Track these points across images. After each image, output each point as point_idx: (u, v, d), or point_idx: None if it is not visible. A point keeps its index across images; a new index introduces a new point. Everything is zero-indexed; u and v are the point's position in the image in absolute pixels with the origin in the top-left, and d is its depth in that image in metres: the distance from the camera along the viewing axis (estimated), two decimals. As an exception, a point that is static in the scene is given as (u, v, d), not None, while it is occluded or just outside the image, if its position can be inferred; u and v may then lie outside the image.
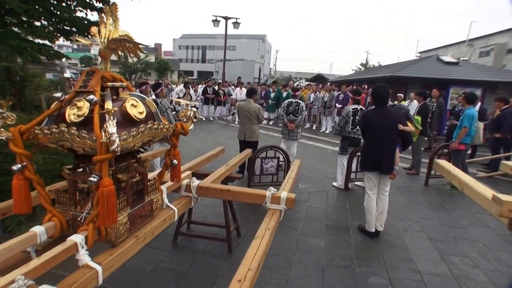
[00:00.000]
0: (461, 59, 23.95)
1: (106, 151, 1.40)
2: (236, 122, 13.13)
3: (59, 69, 13.31)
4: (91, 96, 1.50)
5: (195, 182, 2.54)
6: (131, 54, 1.85)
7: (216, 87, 14.68)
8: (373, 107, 4.09)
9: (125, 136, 1.51)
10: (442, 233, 4.27)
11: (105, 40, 1.68)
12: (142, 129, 1.64)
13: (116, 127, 1.36)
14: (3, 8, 4.07)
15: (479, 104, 8.11)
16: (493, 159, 7.32)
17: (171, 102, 6.20)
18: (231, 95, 14.69)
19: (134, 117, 1.66)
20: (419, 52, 35.17)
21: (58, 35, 4.74)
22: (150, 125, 1.71)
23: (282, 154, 5.32)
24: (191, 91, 13.91)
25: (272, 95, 13.50)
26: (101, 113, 1.43)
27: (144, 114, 1.74)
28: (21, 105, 7.48)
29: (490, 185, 6.23)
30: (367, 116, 4.03)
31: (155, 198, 2.05)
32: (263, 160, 5.29)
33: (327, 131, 11.97)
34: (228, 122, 13.77)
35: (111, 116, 1.36)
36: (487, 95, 11.73)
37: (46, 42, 4.40)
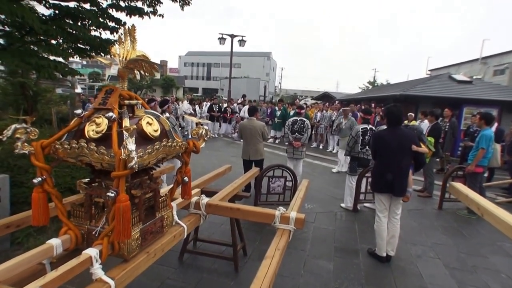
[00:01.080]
0: (475, 77, 24.09)
1: (124, 168, 1.52)
2: (241, 140, 13.32)
3: (70, 85, 13.81)
4: (110, 114, 1.63)
5: (205, 199, 2.63)
6: (146, 73, 2.00)
7: (225, 105, 15.03)
8: (383, 126, 4.17)
9: (141, 153, 1.62)
10: (460, 261, 4.19)
11: (124, 60, 1.82)
12: (157, 146, 1.76)
13: (134, 145, 1.47)
14: (24, 28, 4.32)
15: (495, 124, 8.15)
16: (513, 183, 7.27)
17: (177, 118, 6.38)
18: (237, 112, 14.94)
19: (149, 134, 1.78)
20: (429, 70, 35.43)
21: (74, 53, 5.00)
22: (165, 143, 1.83)
23: (289, 174, 5.40)
24: (197, 108, 14.24)
25: (278, 113, 13.67)
26: (120, 131, 1.54)
27: (159, 132, 1.86)
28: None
29: (510, 211, 6.25)
30: (380, 136, 4.08)
31: (166, 214, 2.15)
32: (270, 179, 5.38)
33: (334, 151, 12.03)
34: (234, 140, 13.93)
35: (130, 134, 1.48)
36: (504, 115, 11.75)
37: (61, 59, 4.65)
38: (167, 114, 5.98)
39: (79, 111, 1.72)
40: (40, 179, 1.67)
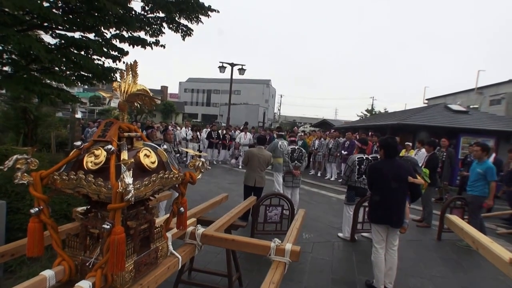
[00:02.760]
0: (471, 106, 24.45)
1: (120, 200, 1.54)
2: (240, 167, 13.30)
3: (70, 110, 14.02)
4: (109, 146, 1.67)
5: (200, 229, 2.63)
6: (146, 107, 2.07)
7: (224, 131, 15.14)
8: (375, 156, 4.20)
9: (138, 185, 1.65)
10: (460, 295, 4.11)
11: (125, 93, 1.88)
12: (154, 178, 1.79)
13: (132, 178, 1.51)
14: (29, 57, 4.47)
15: (493, 155, 8.20)
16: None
17: (178, 151, 6.47)
18: (235, 139, 15.06)
19: (146, 166, 1.82)
20: (426, 99, 35.89)
21: (77, 80, 5.15)
22: (161, 175, 1.86)
23: (286, 202, 5.39)
24: (198, 134, 14.40)
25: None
26: (118, 164, 1.58)
27: (156, 163, 1.90)
28: (32, 143, 7.86)
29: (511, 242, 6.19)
30: (376, 168, 4.12)
31: (161, 245, 2.14)
32: (267, 208, 5.36)
33: (332, 178, 12.05)
34: (232, 166, 13.94)
35: (128, 167, 1.52)
36: (501, 145, 11.86)
37: (64, 86, 4.80)
38: (165, 145, 6.05)
39: (78, 143, 1.76)
40: (37, 209, 1.69)
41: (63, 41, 4.82)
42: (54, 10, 4.28)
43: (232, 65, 21.72)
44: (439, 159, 8.03)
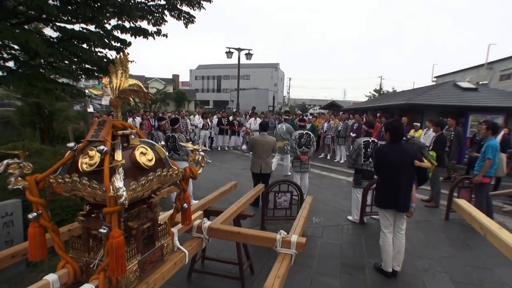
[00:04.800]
0: (481, 83, 23.61)
1: (114, 204, 1.46)
2: (250, 152, 13.23)
3: (83, 103, 14.05)
4: (102, 147, 1.58)
5: (206, 223, 2.56)
6: (141, 100, 1.96)
7: (231, 118, 14.98)
8: (381, 141, 4.03)
9: (134, 186, 1.56)
10: (466, 274, 4.03)
11: (116, 90, 1.77)
12: (151, 177, 1.70)
13: (123, 181, 1.42)
14: (31, 51, 4.35)
15: (502, 133, 7.91)
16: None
17: (190, 139, 6.52)
18: (242, 124, 14.96)
19: (143, 165, 1.72)
20: (435, 77, 34.86)
21: (81, 74, 5.04)
22: (159, 173, 1.76)
23: (295, 189, 5.29)
24: (208, 121, 14.35)
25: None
26: (111, 167, 1.49)
27: (153, 161, 1.80)
28: (49, 137, 7.89)
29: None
30: (382, 152, 3.96)
31: (166, 242, 2.08)
32: (276, 194, 5.28)
33: (341, 161, 11.83)
34: (243, 152, 13.85)
35: (118, 170, 1.42)
36: (510, 122, 11.42)
37: (69, 81, 4.70)
38: (178, 133, 6.05)
39: (71, 144, 1.67)
40: (35, 214, 1.62)
41: (63, 34, 4.68)
42: (50, 1, 4.11)
43: (239, 50, 21.28)
44: (447, 139, 7.76)
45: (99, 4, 4.45)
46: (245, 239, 2.51)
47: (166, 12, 5.60)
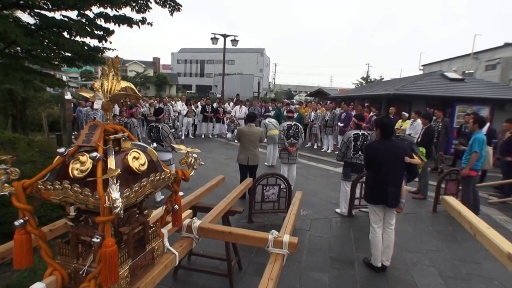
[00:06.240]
0: (467, 72, 24.17)
1: (109, 213, 1.45)
2: (236, 141, 13.21)
3: (60, 90, 13.61)
4: (94, 153, 1.55)
5: (196, 222, 2.57)
6: (133, 103, 1.93)
7: (215, 105, 14.87)
8: (373, 137, 4.12)
9: (128, 193, 1.55)
10: (454, 268, 4.20)
11: (108, 93, 1.74)
12: (144, 183, 1.69)
13: (119, 192, 1.41)
14: (6, 40, 4.17)
15: (487, 125, 8.16)
16: (505, 183, 7.29)
17: (173, 127, 6.45)
18: (226, 111, 14.88)
19: (136, 170, 1.71)
20: (422, 65, 35.52)
21: (61, 63, 4.88)
22: (152, 178, 1.76)
23: (283, 182, 5.35)
24: (193, 108, 14.16)
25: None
26: (105, 179, 1.47)
27: (146, 165, 1.79)
28: (22, 125, 7.65)
29: (503, 211, 6.28)
30: (372, 148, 4.06)
31: (156, 245, 2.08)
32: (264, 188, 5.33)
33: (328, 151, 12.01)
34: (228, 140, 13.83)
35: (114, 180, 1.41)
36: (496, 113, 11.78)
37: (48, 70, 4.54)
38: (162, 123, 6.00)
39: (62, 149, 1.63)
40: (22, 221, 1.59)
41: (42, 22, 4.51)
42: None
43: (225, 36, 21.06)
44: (435, 132, 7.96)
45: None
46: (237, 239, 2.54)
47: None
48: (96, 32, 4.91)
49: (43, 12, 4.45)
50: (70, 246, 1.77)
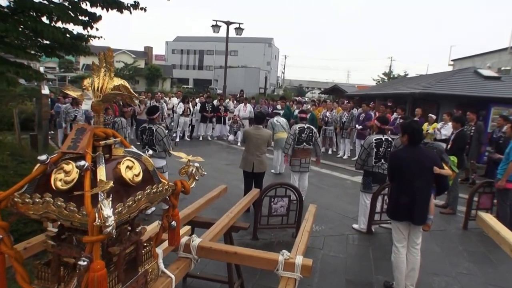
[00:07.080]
0: (503, 68, 23.98)
1: (98, 232, 1.42)
2: (239, 144, 13.12)
3: (36, 84, 13.58)
4: (82, 162, 1.52)
5: (196, 240, 2.54)
6: (126, 102, 1.91)
7: (216, 102, 14.80)
8: (397, 142, 4.06)
9: (120, 209, 1.52)
10: (487, 294, 4.13)
11: (99, 92, 1.71)
12: (139, 196, 1.66)
13: (112, 209, 1.38)
14: None
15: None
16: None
17: (167, 127, 6.40)
18: (229, 110, 14.80)
19: (129, 181, 1.68)
20: (452, 60, 35.34)
21: (39, 52, 4.86)
22: (148, 190, 1.73)
23: (293, 192, 5.31)
24: (190, 106, 13.96)
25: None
26: (94, 193, 1.44)
27: (141, 176, 1.76)
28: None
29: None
30: (397, 157, 4.02)
31: (150, 267, 2.05)
32: (272, 199, 5.29)
33: (345, 157, 11.93)
34: (230, 143, 13.81)
35: (106, 194, 1.38)
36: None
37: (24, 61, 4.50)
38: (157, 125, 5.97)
39: (43, 157, 1.60)
40: (-4, 239, 1.57)
41: (18, 5, 4.45)
42: None
43: (228, 23, 21.01)
44: (468, 137, 7.89)
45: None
46: (242, 260, 2.50)
47: None
48: (80, 17, 4.88)
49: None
50: (50, 269, 1.74)
